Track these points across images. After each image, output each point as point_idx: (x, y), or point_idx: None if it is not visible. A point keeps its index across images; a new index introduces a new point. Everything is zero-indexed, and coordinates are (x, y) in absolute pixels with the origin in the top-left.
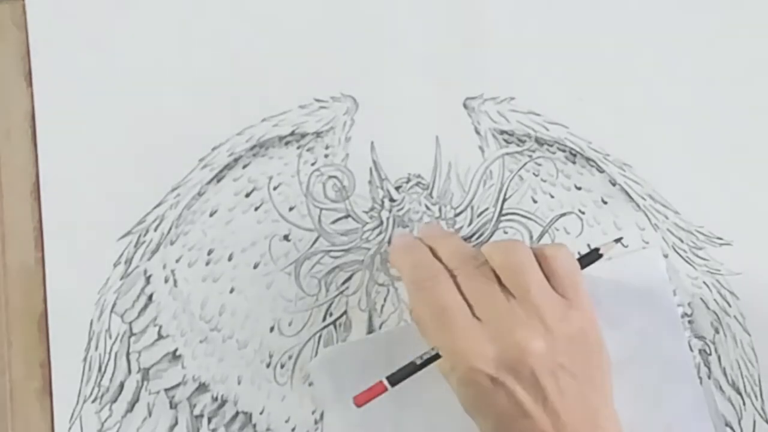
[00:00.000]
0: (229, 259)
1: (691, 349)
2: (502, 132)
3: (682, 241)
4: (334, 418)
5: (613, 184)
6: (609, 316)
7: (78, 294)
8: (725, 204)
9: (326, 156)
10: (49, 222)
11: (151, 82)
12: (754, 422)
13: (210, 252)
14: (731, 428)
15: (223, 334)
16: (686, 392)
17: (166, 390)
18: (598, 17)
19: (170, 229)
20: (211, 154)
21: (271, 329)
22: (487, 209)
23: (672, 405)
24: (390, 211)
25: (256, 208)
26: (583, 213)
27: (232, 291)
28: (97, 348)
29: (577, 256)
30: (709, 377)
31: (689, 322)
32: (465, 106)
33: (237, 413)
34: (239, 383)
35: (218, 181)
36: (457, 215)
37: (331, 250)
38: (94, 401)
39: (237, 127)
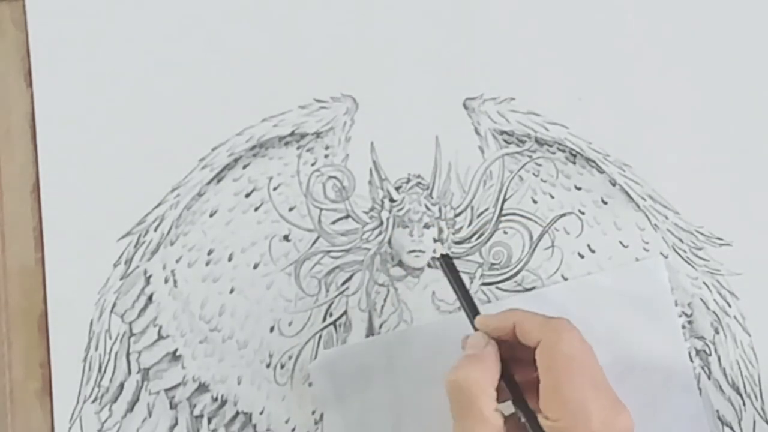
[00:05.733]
0: (229, 259)
1: (692, 360)
2: (502, 132)
3: (682, 242)
4: (334, 419)
5: (613, 185)
6: (610, 325)
7: (78, 294)
8: (725, 204)
9: (326, 156)
10: (49, 222)
11: (151, 83)
12: (754, 422)
13: (210, 252)
14: (731, 429)
15: (223, 335)
16: (685, 402)
17: (166, 390)
18: (598, 17)
19: (170, 229)
20: (211, 155)
21: (271, 329)
22: (487, 209)
23: (671, 414)
24: (390, 211)
25: (256, 209)
26: (583, 213)
27: (232, 291)
28: (97, 348)
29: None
30: (708, 378)
31: (689, 322)
32: (465, 106)
33: (237, 413)
34: (239, 383)
35: (218, 181)
36: (457, 215)
37: (331, 251)
38: (94, 401)
39: (237, 127)
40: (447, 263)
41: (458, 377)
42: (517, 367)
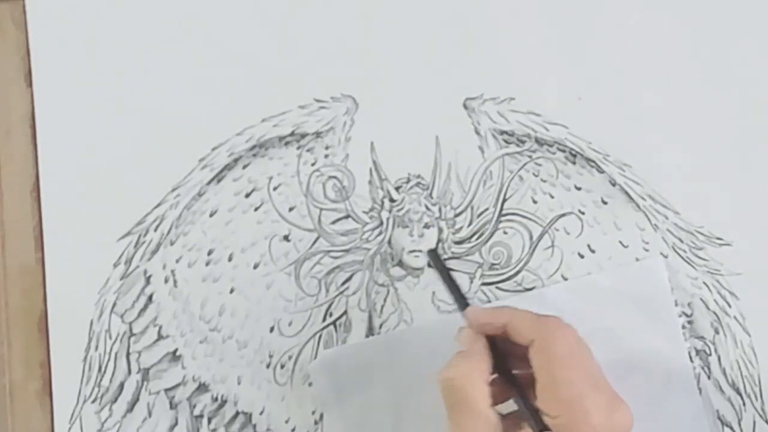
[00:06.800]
0: (229, 259)
1: (692, 360)
2: (502, 132)
3: (682, 242)
4: (334, 419)
5: (613, 185)
6: (610, 325)
7: (78, 294)
8: (725, 204)
9: (326, 156)
10: (49, 222)
11: (151, 82)
12: (754, 423)
13: (210, 252)
14: (731, 429)
15: (223, 335)
16: (685, 402)
17: (166, 390)
18: (598, 17)
19: (170, 229)
20: (211, 155)
21: (271, 329)
22: (487, 209)
23: (671, 415)
24: (390, 211)
25: (256, 209)
26: (583, 213)
27: (232, 291)
28: (97, 348)
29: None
30: (708, 378)
31: (689, 322)
32: (465, 106)
33: (237, 413)
34: (239, 383)
35: (218, 181)
36: (457, 215)
37: (331, 251)
38: (94, 401)
39: (237, 127)
40: (435, 258)
41: (449, 374)
42: (513, 362)
